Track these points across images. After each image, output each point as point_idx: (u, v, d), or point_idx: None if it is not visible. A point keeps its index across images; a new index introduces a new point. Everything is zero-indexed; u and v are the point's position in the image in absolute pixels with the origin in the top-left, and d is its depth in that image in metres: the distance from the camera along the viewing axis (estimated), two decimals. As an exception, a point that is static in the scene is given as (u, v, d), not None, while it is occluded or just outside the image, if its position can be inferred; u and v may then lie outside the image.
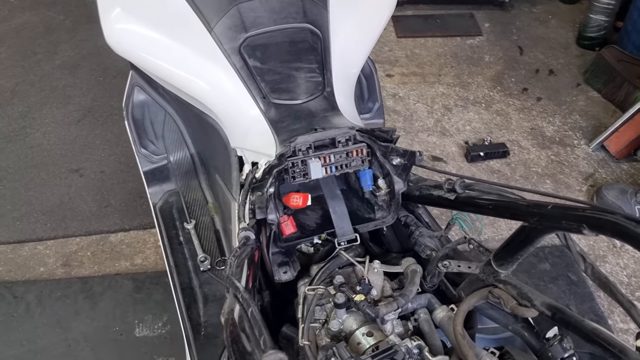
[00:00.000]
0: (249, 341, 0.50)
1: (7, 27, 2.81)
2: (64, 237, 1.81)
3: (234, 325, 0.53)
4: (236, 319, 0.54)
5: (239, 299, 0.56)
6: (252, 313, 0.53)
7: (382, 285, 0.91)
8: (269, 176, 0.87)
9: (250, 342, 0.50)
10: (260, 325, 0.51)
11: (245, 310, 0.54)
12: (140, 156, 1.34)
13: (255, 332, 0.51)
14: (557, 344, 0.80)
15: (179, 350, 1.49)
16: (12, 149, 2.14)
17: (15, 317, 1.58)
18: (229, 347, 0.50)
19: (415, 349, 0.80)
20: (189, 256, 1.20)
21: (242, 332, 0.52)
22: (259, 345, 0.49)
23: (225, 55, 1.03)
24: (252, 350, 0.48)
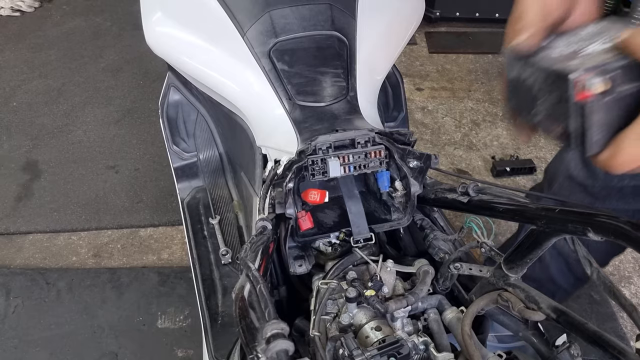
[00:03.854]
0: (255, 313, 0.54)
1: (58, 32, 2.98)
2: (96, 229, 1.90)
3: (242, 300, 0.57)
4: (246, 296, 0.58)
5: (250, 277, 0.60)
6: (259, 289, 0.57)
7: (394, 284, 0.93)
8: (289, 172, 0.91)
9: (256, 313, 0.53)
10: (267, 299, 0.54)
11: (254, 287, 0.58)
12: (171, 153, 1.41)
13: (262, 306, 0.55)
14: (565, 350, 0.81)
15: (198, 344, 1.54)
16: (54, 144, 2.26)
17: (46, 302, 1.67)
18: (236, 319, 0.54)
19: (422, 345, 0.82)
20: (212, 250, 1.25)
21: (249, 306, 0.55)
22: (264, 317, 0.53)
23: (256, 58, 1.09)
24: (257, 320, 0.52)
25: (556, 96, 0.47)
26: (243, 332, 0.51)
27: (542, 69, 0.48)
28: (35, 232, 1.89)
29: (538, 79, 0.49)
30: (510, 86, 0.54)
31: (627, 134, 0.46)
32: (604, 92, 0.44)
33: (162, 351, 1.52)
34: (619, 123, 0.46)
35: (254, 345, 0.48)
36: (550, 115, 0.49)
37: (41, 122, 2.37)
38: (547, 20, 0.56)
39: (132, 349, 1.53)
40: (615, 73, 0.44)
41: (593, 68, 0.44)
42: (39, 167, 2.16)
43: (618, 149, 0.47)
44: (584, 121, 0.46)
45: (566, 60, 0.47)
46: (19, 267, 1.78)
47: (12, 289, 1.70)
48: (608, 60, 0.45)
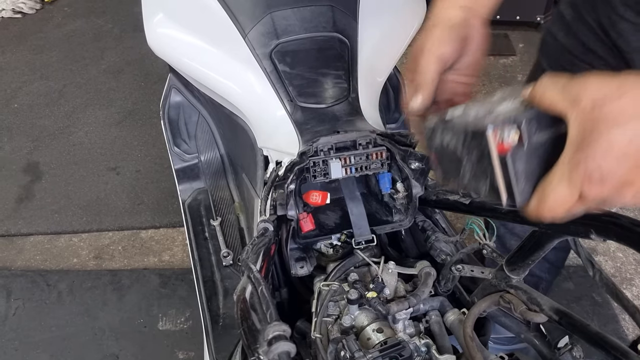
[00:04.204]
0: (257, 315, 0.53)
1: (59, 33, 2.98)
2: (97, 231, 1.90)
3: (244, 302, 0.57)
4: (247, 297, 0.57)
5: (251, 278, 0.60)
6: (261, 291, 0.57)
7: (395, 286, 0.93)
8: (290, 173, 0.91)
9: (258, 315, 0.53)
10: (268, 301, 0.54)
11: (256, 289, 0.58)
12: (173, 154, 1.41)
13: (263, 307, 0.54)
14: (567, 352, 0.81)
15: (199, 346, 1.53)
16: (55, 146, 2.26)
17: (47, 304, 1.66)
18: (238, 320, 0.53)
19: (424, 347, 0.82)
20: (213, 251, 1.25)
21: (251, 308, 0.55)
22: (266, 318, 0.53)
23: (257, 59, 1.09)
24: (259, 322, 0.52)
25: (477, 154, 0.49)
26: (245, 334, 0.51)
27: (460, 131, 0.51)
28: (36, 233, 1.89)
29: (458, 141, 0.51)
30: (435, 155, 0.57)
31: (548, 180, 0.47)
32: (521, 143, 0.46)
33: (163, 353, 1.52)
34: (541, 171, 0.48)
35: (256, 347, 0.48)
36: (475, 174, 0.51)
37: (42, 124, 2.38)
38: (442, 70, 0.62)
39: (133, 351, 1.53)
40: (526, 122, 0.46)
41: (505, 120, 0.46)
42: (40, 168, 2.16)
43: (542, 197, 0.48)
44: (508, 173, 0.47)
45: (481, 120, 0.49)
46: (19, 268, 1.78)
47: (13, 290, 1.70)
48: (518, 113, 0.47)
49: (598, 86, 0.45)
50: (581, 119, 0.45)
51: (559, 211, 0.48)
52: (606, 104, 0.44)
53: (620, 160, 0.44)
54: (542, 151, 0.48)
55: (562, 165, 0.47)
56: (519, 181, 0.48)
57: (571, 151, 0.46)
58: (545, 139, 0.48)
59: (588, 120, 0.45)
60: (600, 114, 0.44)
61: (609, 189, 0.46)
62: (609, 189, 0.46)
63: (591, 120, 0.45)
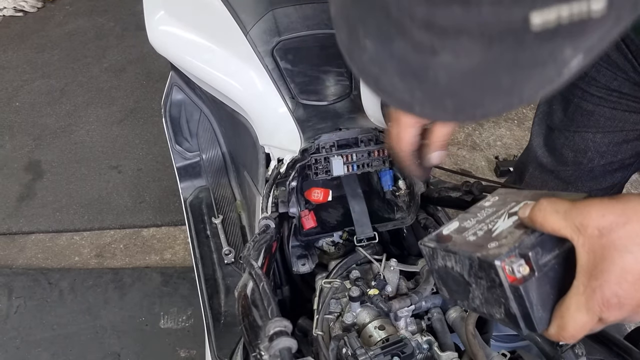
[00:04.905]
0: (258, 311, 0.53)
1: (61, 32, 2.98)
2: (99, 229, 1.90)
3: (245, 298, 0.56)
4: (249, 294, 0.57)
5: (253, 275, 0.60)
6: (262, 287, 0.56)
7: (397, 283, 0.93)
8: (292, 170, 0.91)
9: (259, 311, 0.53)
10: (269, 297, 0.54)
11: (257, 285, 0.57)
12: (174, 152, 1.40)
13: (265, 304, 0.54)
14: (569, 350, 0.80)
15: (200, 344, 1.53)
16: (57, 144, 2.26)
17: (48, 302, 1.66)
18: (239, 317, 0.53)
19: (425, 344, 0.81)
20: (215, 249, 1.25)
21: (252, 304, 0.55)
22: (267, 315, 0.52)
23: (259, 57, 1.08)
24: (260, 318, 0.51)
25: (487, 283, 0.49)
26: (246, 330, 0.50)
27: (464, 257, 0.50)
28: (37, 232, 1.89)
29: (464, 268, 0.51)
30: (438, 275, 0.55)
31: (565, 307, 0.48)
32: (532, 273, 0.46)
33: (165, 351, 1.52)
34: (554, 294, 0.49)
35: (257, 343, 0.48)
36: (487, 300, 0.50)
37: (44, 122, 2.38)
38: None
39: (135, 349, 1.53)
40: (534, 253, 0.47)
41: (511, 252, 0.46)
42: (41, 167, 2.16)
43: (563, 324, 0.48)
44: (524, 303, 0.47)
45: (484, 245, 0.49)
46: (21, 267, 1.78)
47: (14, 288, 1.70)
48: (522, 239, 0.47)
49: (601, 213, 0.45)
50: (589, 246, 0.46)
51: (580, 335, 0.48)
52: (613, 231, 0.44)
53: (635, 285, 0.45)
54: (552, 273, 0.48)
55: (578, 295, 0.47)
56: (536, 309, 0.48)
57: (585, 278, 0.46)
58: (552, 260, 0.48)
59: (597, 247, 0.45)
60: (609, 241, 0.44)
61: (626, 312, 0.46)
62: (626, 312, 0.46)
63: (600, 247, 0.45)
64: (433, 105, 0.32)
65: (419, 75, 0.30)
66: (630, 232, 0.44)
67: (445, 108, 0.32)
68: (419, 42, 0.27)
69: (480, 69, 0.27)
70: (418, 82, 0.30)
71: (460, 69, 0.28)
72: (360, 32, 0.31)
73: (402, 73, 0.31)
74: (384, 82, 0.32)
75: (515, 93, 0.29)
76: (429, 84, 0.30)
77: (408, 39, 0.27)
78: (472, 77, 0.29)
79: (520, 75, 0.27)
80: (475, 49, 0.26)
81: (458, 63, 0.27)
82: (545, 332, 0.51)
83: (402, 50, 0.28)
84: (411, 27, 0.27)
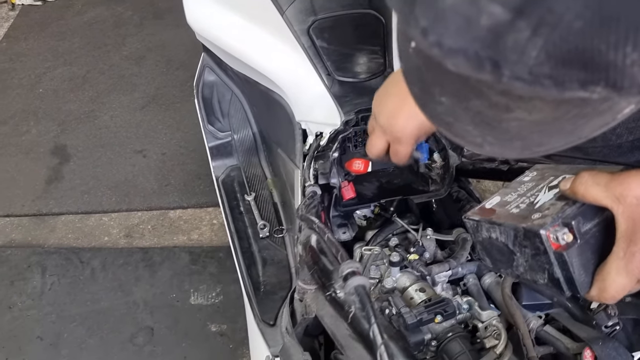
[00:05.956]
0: (327, 257, 0.57)
1: (80, 20, 3.03)
2: (127, 210, 1.95)
3: (312, 249, 0.61)
4: (314, 245, 0.61)
5: (315, 228, 0.64)
6: (328, 238, 0.60)
7: (434, 251, 0.97)
8: (334, 142, 0.94)
9: (328, 258, 0.57)
10: (337, 245, 0.58)
11: (322, 236, 0.61)
12: (206, 132, 1.44)
13: (333, 251, 0.58)
14: (601, 311, 0.84)
15: (231, 319, 1.59)
16: (82, 129, 2.31)
17: (81, 280, 1.72)
18: (309, 264, 0.57)
19: (465, 304, 0.85)
20: (249, 224, 1.29)
21: (320, 252, 0.59)
22: (337, 260, 0.56)
23: (295, 36, 1.12)
24: (330, 264, 0.55)
25: (531, 251, 0.53)
26: (318, 275, 0.54)
27: (509, 228, 0.54)
28: (67, 213, 1.95)
29: (508, 238, 0.55)
30: (481, 247, 0.60)
31: (606, 271, 0.52)
32: (574, 240, 0.51)
33: (196, 326, 1.57)
34: (595, 259, 0.53)
35: (331, 284, 0.52)
36: (531, 267, 0.55)
37: (68, 108, 2.42)
38: None
39: (167, 323, 1.58)
40: (576, 222, 0.51)
41: (556, 219, 0.51)
42: (67, 151, 2.21)
43: (604, 286, 0.53)
44: (567, 268, 0.52)
45: (528, 216, 0.54)
46: (53, 246, 1.83)
47: (47, 267, 1.75)
48: (565, 209, 0.53)
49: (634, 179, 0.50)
50: (629, 214, 0.50)
51: (620, 296, 0.53)
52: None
53: None
54: (593, 240, 0.53)
55: (618, 259, 0.51)
56: (578, 274, 0.53)
57: (624, 244, 0.51)
58: (592, 228, 0.53)
59: (636, 214, 0.50)
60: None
61: None
62: None
63: (639, 215, 0.50)
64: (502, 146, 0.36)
65: (492, 125, 0.33)
66: None
67: (514, 148, 0.36)
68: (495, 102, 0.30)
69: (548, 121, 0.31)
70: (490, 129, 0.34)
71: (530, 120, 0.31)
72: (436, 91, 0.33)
73: (475, 123, 0.34)
74: (457, 128, 0.35)
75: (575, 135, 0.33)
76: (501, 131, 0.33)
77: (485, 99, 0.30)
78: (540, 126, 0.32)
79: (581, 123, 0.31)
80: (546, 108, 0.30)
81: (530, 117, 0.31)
82: (586, 295, 0.56)
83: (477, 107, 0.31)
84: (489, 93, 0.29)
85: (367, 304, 0.47)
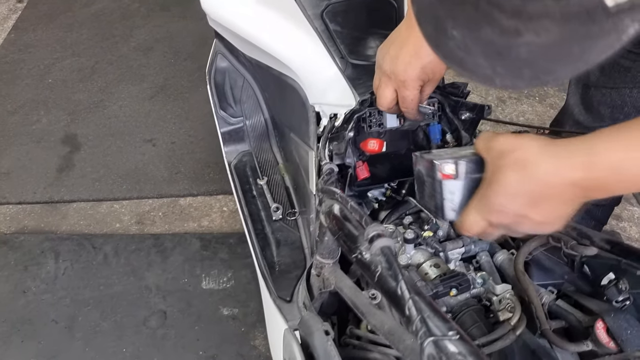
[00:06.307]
0: (351, 223, 0.59)
1: (87, 12, 3.04)
2: (138, 198, 1.97)
3: (335, 217, 0.62)
4: (337, 213, 0.63)
5: (337, 198, 0.66)
6: (351, 206, 0.62)
7: (447, 230, 0.99)
8: (349, 123, 0.96)
9: (352, 224, 0.59)
10: (360, 211, 0.60)
11: (345, 205, 0.63)
12: (219, 118, 1.46)
13: (357, 217, 0.60)
14: (612, 287, 0.86)
15: (243, 303, 1.61)
16: (91, 119, 2.33)
17: (94, 265, 1.74)
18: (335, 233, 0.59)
19: (479, 279, 0.87)
20: (262, 207, 1.31)
21: (344, 219, 0.61)
22: (361, 225, 0.58)
23: (308, 20, 1.14)
24: (355, 229, 0.57)
25: (432, 179, 0.68)
26: (343, 241, 0.56)
27: (427, 161, 0.69)
28: (78, 200, 1.97)
29: (425, 168, 0.70)
30: (416, 178, 0.74)
31: (468, 208, 0.64)
32: (457, 176, 0.65)
33: (208, 310, 1.59)
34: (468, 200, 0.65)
35: (356, 247, 0.54)
36: (429, 195, 0.69)
37: (77, 98, 2.44)
38: None
39: (180, 307, 1.60)
40: (463, 162, 0.65)
41: (450, 158, 0.66)
42: (78, 140, 2.23)
43: (463, 219, 0.65)
44: (442, 195, 0.67)
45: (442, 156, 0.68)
46: (65, 232, 1.86)
47: (60, 252, 1.78)
48: (462, 155, 0.66)
49: (503, 140, 0.60)
50: (491, 164, 0.60)
51: (474, 231, 0.65)
52: (507, 155, 0.58)
53: (513, 198, 0.58)
54: (474, 184, 0.65)
55: (477, 199, 0.63)
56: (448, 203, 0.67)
57: (484, 188, 0.62)
58: (476, 174, 0.65)
59: (495, 165, 0.60)
60: (502, 161, 0.59)
61: (508, 219, 0.60)
62: (508, 219, 0.60)
63: (497, 166, 0.59)
64: (512, 76, 0.37)
65: (502, 54, 0.34)
66: (517, 157, 0.57)
67: (523, 77, 0.37)
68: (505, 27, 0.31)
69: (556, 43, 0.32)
70: (501, 59, 0.35)
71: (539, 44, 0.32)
72: (449, 24, 0.35)
73: (486, 54, 0.35)
74: (468, 63, 0.37)
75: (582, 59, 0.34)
76: (511, 59, 0.35)
77: (496, 25, 0.31)
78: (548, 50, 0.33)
79: (588, 45, 0.32)
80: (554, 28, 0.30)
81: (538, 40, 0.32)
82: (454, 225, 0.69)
83: (488, 36, 0.33)
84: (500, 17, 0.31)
85: (394, 262, 0.49)
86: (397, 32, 0.84)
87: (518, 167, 0.57)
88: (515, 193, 0.58)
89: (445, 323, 0.43)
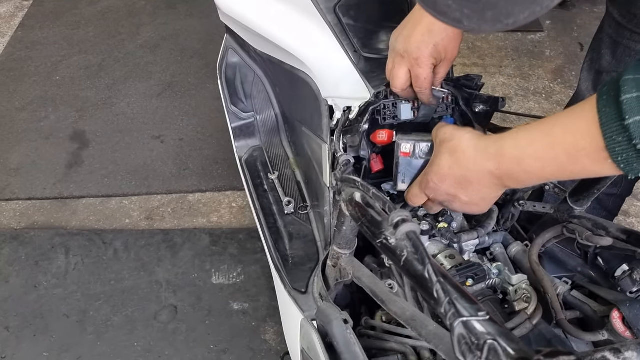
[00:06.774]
0: (374, 210, 0.60)
1: (94, 10, 3.05)
2: (147, 194, 1.98)
3: (357, 204, 0.63)
4: (359, 200, 0.64)
5: (359, 186, 0.66)
6: (373, 193, 0.63)
7: (461, 222, 0.99)
8: (364, 115, 0.97)
9: (375, 210, 0.60)
10: (383, 197, 0.60)
11: (366, 193, 0.64)
12: (230, 113, 1.47)
13: (380, 203, 0.61)
14: (627, 277, 0.86)
15: (253, 298, 1.62)
16: (99, 115, 2.34)
17: (104, 260, 1.75)
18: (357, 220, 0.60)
19: (495, 269, 0.88)
20: (274, 202, 1.32)
21: (367, 206, 0.62)
22: (385, 211, 0.59)
23: (321, 13, 1.14)
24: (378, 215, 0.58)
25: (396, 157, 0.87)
26: (367, 227, 0.57)
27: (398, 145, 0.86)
28: (88, 196, 1.98)
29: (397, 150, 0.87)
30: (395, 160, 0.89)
31: (415, 181, 0.81)
32: (413, 155, 0.85)
33: (218, 304, 1.60)
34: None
35: (381, 232, 0.54)
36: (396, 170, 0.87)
37: (85, 95, 2.45)
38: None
39: (191, 302, 1.61)
40: (419, 144, 0.84)
41: (408, 139, 0.85)
42: (86, 136, 2.24)
43: (408, 191, 0.82)
44: (398, 169, 0.86)
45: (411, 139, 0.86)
46: (75, 228, 1.87)
47: (71, 248, 1.79)
48: (419, 139, 0.85)
49: (446, 130, 0.73)
50: (435, 148, 0.74)
51: (415, 202, 0.81)
52: (444, 142, 0.71)
53: (444, 179, 0.71)
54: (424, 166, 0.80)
55: (421, 175, 0.77)
56: (403, 176, 0.86)
57: (428, 167, 0.75)
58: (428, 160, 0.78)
59: (437, 150, 0.73)
60: (441, 147, 0.72)
61: (440, 196, 0.73)
62: (440, 196, 0.73)
63: (437, 151, 0.73)
64: (477, 18, 0.42)
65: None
66: (450, 146, 0.69)
67: (486, 19, 0.42)
68: None
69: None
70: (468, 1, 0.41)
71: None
72: None
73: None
74: (441, 5, 0.43)
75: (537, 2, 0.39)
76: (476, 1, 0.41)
77: None
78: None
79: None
80: None
81: None
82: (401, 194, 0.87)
83: None
84: None
85: (420, 247, 0.50)
86: (411, 15, 0.86)
87: (450, 154, 0.69)
88: (446, 175, 0.70)
89: (474, 304, 0.43)
